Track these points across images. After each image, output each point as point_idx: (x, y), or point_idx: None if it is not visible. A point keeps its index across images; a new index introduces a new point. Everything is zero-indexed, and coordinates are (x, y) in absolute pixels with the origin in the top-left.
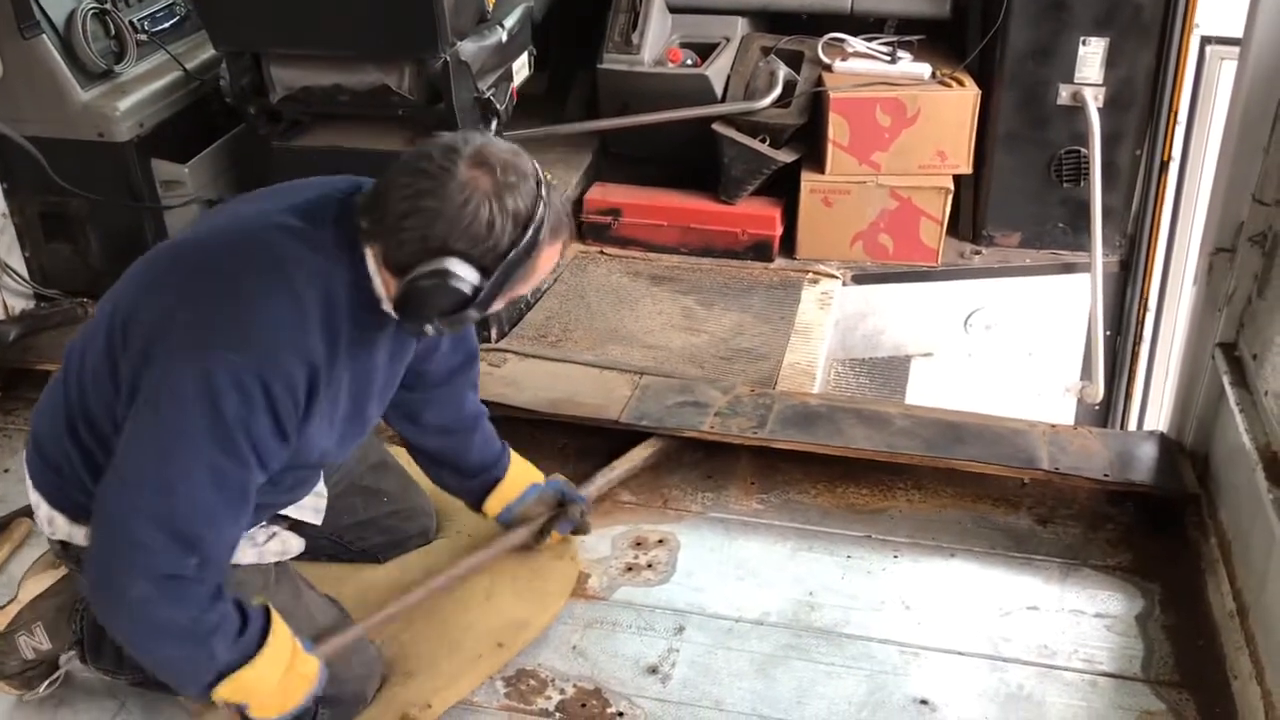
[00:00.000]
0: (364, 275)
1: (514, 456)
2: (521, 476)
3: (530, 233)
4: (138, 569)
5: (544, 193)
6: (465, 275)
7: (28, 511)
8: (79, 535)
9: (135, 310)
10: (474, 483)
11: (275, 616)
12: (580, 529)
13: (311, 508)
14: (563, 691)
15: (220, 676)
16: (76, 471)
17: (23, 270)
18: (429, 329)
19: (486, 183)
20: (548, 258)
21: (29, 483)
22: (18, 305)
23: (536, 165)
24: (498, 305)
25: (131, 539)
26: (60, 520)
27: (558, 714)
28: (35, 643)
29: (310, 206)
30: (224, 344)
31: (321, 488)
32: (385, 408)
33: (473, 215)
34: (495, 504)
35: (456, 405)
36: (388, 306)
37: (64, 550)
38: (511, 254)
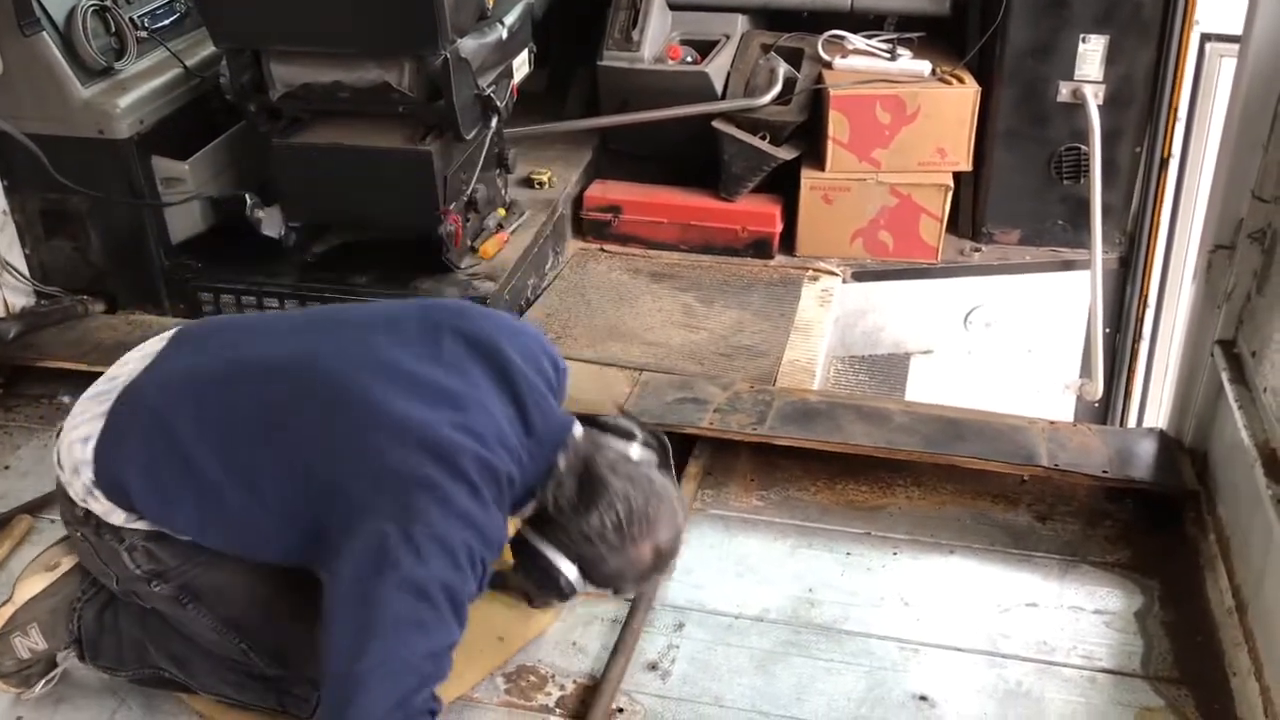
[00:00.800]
0: (530, 499)
1: None
2: None
3: (635, 585)
4: (397, 711)
5: (669, 567)
6: (573, 582)
7: (28, 509)
8: (115, 517)
9: (348, 473)
10: None
11: None
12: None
13: None
14: (563, 688)
15: None
16: (162, 491)
17: (23, 267)
18: (520, 574)
19: (648, 562)
20: None
21: (90, 452)
22: (18, 302)
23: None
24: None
25: (396, 685)
26: (101, 499)
27: (558, 710)
28: (31, 643)
29: (522, 428)
30: (470, 533)
31: None
32: None
33: (621, 572)
34: None
35: None
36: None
37: (85, 519)
38: (610, 584)
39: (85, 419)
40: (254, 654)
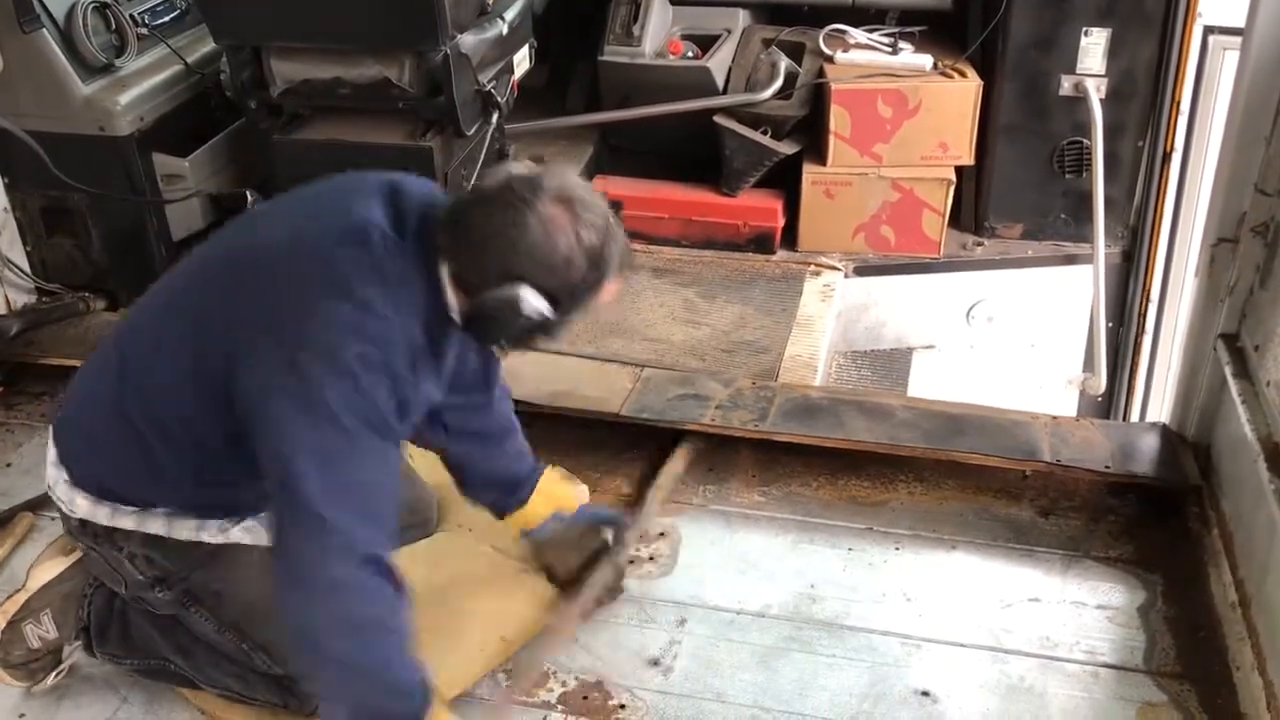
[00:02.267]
0: (439, 288)
1: (546, 477)
2: (546, 503)
3: (600, 268)
4: (336, 553)
5: (613, 230)
6: (536, 304)
7: (30, 506)
8: (101, 514)
9: (229, 323)
10: (497, 497)
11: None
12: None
13: None
14: (565, 684)
15: None
16: (116, 453)
17: (24, 265)
18: (496, 349)
19: (566, 219)
20: (611, 290)
21: (53, 456)
22: (19, 300)
23: (606, 203)
24: (562, 331)
25: (325, 527)
26: (81, 499)
27: (560, 706)
28: (42, 631)
29: (392, 217)
30: (351, 336)
31: None
32: None
33: (551, 249)
34: (519, 521)
35: (485, 411)
36: (456, 317)
37: (82, 528)
38: (581, 287)
39: None
40: (255, 655)
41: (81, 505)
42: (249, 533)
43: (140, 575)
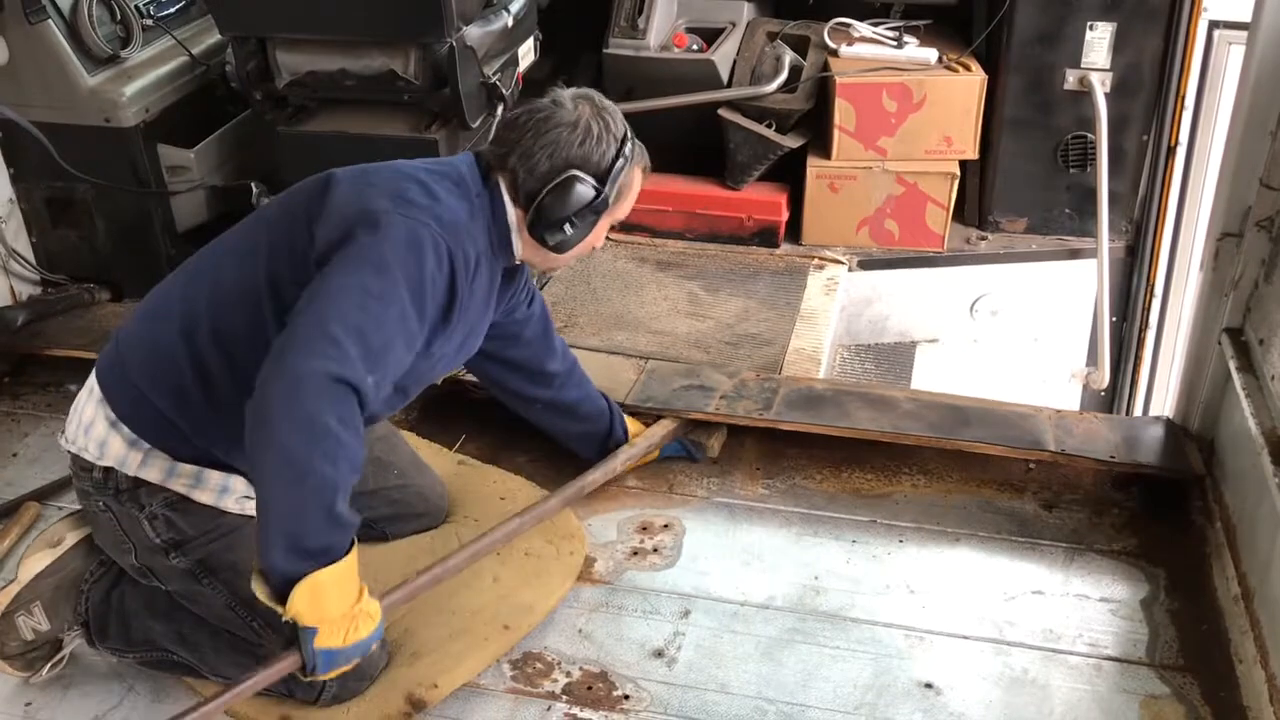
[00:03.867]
0: (501, 205)
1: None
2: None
3: (629, 151)
4: (323, 360)
5: (628, 127)
6: (588, 179)
7: (36, 496)
8: (132, 461)
9: (310, 214)
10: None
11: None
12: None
13: None
14: (569, 674)
15: (313, 557)
16: (176, 381)
17: (30, 256)
18: (566, 229)
19: (589, 109)
20: (637, 177)
21: (97, 394)
22: (25, 291)
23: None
24: (607, 219)
25: (327, 334)
26: (116, 442)
27: (564, 696)
28: (34, 623)
29: (447, 160)
30: (427, 216)
31: None
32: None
33: (585, 133)
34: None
35: (555, 350)
36: (516, 239)
37: (104, 482)
38: (615, 165)
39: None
40: (264, 635)
41: (114, 449)
42: None
43: (157, 538)
